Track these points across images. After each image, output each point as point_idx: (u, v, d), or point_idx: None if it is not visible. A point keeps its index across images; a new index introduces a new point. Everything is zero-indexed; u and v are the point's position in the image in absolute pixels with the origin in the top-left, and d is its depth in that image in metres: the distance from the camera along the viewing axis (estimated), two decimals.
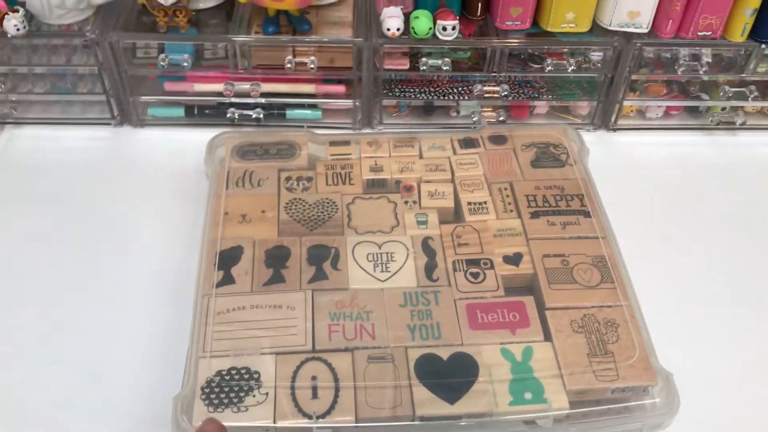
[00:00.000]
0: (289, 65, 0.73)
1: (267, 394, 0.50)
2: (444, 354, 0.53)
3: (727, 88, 0.77)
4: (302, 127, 0.75)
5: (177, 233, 0.67)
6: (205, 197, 0.64)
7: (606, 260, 0.59)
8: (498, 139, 0.70)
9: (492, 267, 0.59)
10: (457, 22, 0.71)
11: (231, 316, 0.54)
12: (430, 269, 0.59)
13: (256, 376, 0.51)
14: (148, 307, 0.61)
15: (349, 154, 0.68)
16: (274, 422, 0.49)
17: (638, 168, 0.77)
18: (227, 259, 0.58)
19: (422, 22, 0.70)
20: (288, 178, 0.65)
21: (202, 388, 0.50)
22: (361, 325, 0.54)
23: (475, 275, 0.58)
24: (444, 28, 0.71)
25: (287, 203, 0.63)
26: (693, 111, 0.81)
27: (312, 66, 0.72)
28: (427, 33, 0.71)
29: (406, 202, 0.64)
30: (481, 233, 0.61)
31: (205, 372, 0.51)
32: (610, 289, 0.57)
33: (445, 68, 0.73)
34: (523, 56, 0.76)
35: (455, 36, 0.72)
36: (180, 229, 0.67)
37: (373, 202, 0.64)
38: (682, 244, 0.69)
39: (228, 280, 0.57)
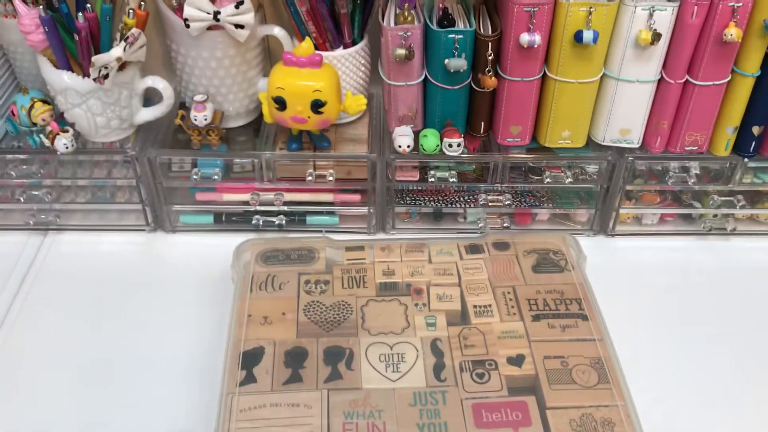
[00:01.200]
0: (310, 178, 0.80)
1: None
2: None
3: (716, 197, 0.83)
4: (321, 232, 0.80)
5: (205, 334, 0.72)
6: (231, 300, 0.70)
7: (603, 362, 0.63)
8: (501, 246, 0.75)
9: (496, 368, 0.63)
10: (462, 139, 0.78)
11: (252, 414, 0.59)
12: (438, 369, 0.63)
13: None
14: (176, 404, 0.65)
15: (364, 259, 0.73)
16: None
17: (636, 271, 0.81)
18: (250, 358, 0.63)
19: (430, 140, 0.78)
20: (307, 281, 0.71)
21: None
22: (373, 423, 0.58)
23: (481, 376, 0.62)
24: (450, 145, 0.78)
25: (306, 306, 0.68)
26: (687, 217, 0.86)
27: (330, 178, 0.79)
28: (435, 149, 0.78)
29: (416, 305, 0.69)
30: (486, 335, 0.66)
31: None
32: (606, 390, 0.61)
33: (451, 180, 0.80)
34: (523, 169, 0.82)
35: (461, 151, 0.79)
36: (207, 330, 0.72)
37: (386, 304, 0.69)
38: (677, 346, 0.73)
39: (250, 379, 0.61)
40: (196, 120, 0.77)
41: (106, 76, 0.72)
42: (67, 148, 0.77)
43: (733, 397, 0.67)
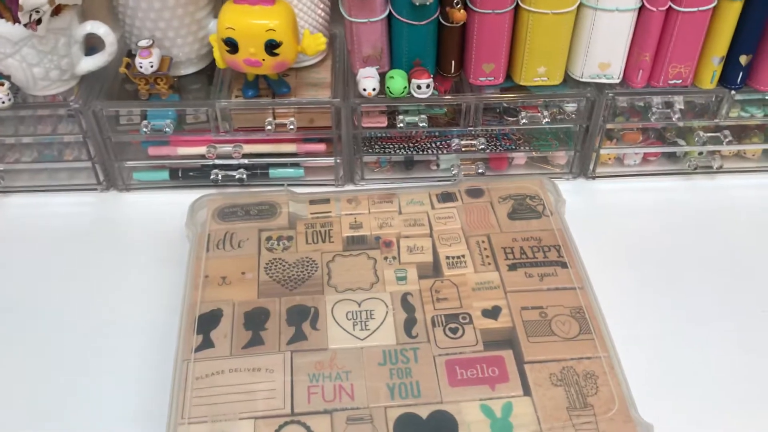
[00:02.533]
0: (269, 127, 0.74)
1: None
2: (423, 413, 0.53)
3: (701, 133, 0.78)
4: (283, 185, 0.76)
5: (160, 296, 0.67)
6: (187, 259, 0.65)
7: (584, 311, 0.60)
8: (475, 193, 0.71)
9: (471, 321, 0.59)
10: (431, 80, 0.73)
11: (209, 381, 0.54)
12: (409, 326, 0.59)
13: None
14: (131, 371, 0.61)
15: (329, 212, 0.69)
16: None
17: (618, 214, 0.77)
18: (206, 322, 0.59)
19: (397, 81, 0.72)
20: (269, 238, 0.66)
21: None
22: (340, 385, 0.54)
23: (454, 330, 0.58)
24: (419, 87, 0.73)
25: (267, 264, 0.64)
26: (671, 156, 0.82)
27: (292, 127, 0.74)
28: (403, 92, 0.73)
29: (385, 258, 0.64)
30: (460, 287, 0.62)
31: None
32: (588, 341, 0.58)
33: (422, 124, 0.75)
34: (498, 110, 0.77)
35: (430, 93, 0.73)
36: (163, 292, 0.67)
37: (353, 259, 0.64)
38: (661, 289, 0.69)
39: (207, 344, 0.57)
40: (141, 67, 0.71)
41: (38, 21, 0.66)
42: (3, 103, 0.71)
43: (721, 341, 0.64)
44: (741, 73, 0.74)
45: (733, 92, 0.75)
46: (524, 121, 0.76)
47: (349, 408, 0.53)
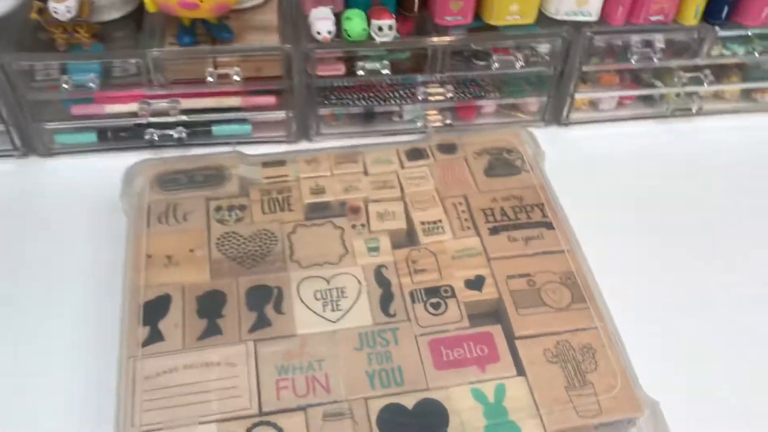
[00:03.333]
0: (210, 78, 0.65)
1: None
2: (409, 402, 0.47)
3: (681, 73, 0.74)
4: (229, 144, 0.67)
5: (96, 279, 0.59)
6: (125, 235, 0.56)
7: (575, 276, 0.54)
8: (447, 148, 0.64)
9: (453, 295, 0.53)
10: (393, 20, 0.65)
11: (161, 381, 0.47)
12: (386, 302, 0.52)
13: None
14: (68, 372, 0.53)
15: (286, 175, 0.61)
16: None
17: (594, 163, 0.72)
18: (153, 311, 0.51)
19: (355, 22, 0.64)
20: (218, 208, 0.58)
21: None
22: (313, 377, 0.48)
23: (436, 306, 0.52)
24: (380, 28, 0.65)
25: (219, 239, 0.56)
26: (647, 100, 0.78)
27: (236, 78, 0.65)
28: (362, 34, 0.65)
29: (353, 226, 0.57)
30: (438, 256, 0.56)
31: None
32: (582, 310, 0.52)
33: (384, 71, 0.67)
34: (466, 53, 0.70)
35: (392, 36, 0.65)
36: (99, 274, 0.59)
37: (317, 229, 0.57)
38: (647, 240, 0.65)
39: (156, 336, 0.50)
40: (56, 13, 0.61)
41: None
42: None
43: (720, 296, 0.61)
44: (726, 7, 0.69)
45: (717, 28, 0.70)
46: (496, 65, 0.69)
47: (325, 402, 0.47)
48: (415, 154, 0.63)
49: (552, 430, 0.46)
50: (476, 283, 0.54)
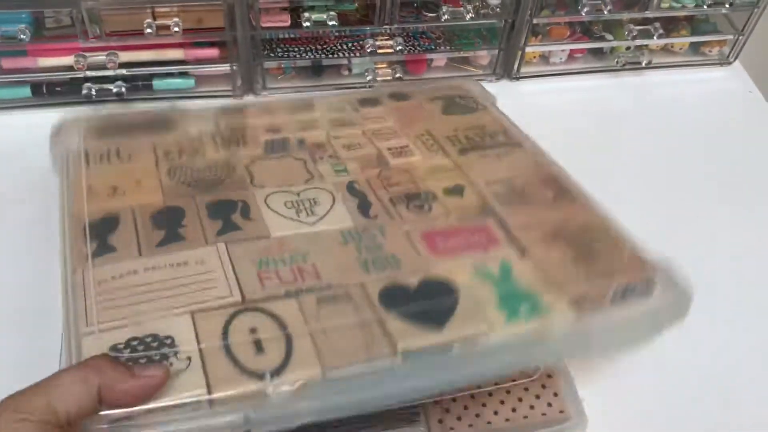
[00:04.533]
0: (149, 30, 0.62)
1: (190, 359, 0.35)
2: (411, 282, 0.42)
3: (631, 26, 0.75)
4: (170, 100, 0.63)
5: (29, 237, 0.51)
6: (59, 181, 0.49)
7: (556, 177, 0.52)
8: (400, 96, 0.63)
9: (436, 198, 0.49)
10: None
11: (119, 283, 0.39)
12: (364, 208, 0.48)
13: (168, 341, 0.36)
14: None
15: (245, 118, 0.57)
16: (210, 392, 0.34)
17: (545, 116, 0.71)
18: (100, 228, 0.44)
19: None
20: (167, 152, 0.52)
21: None
22: (298, 267, 0.42)
23: (420, 207, 0.48)
24: None
25: (169, 170, 0.50)
26: (597, 53, 0.79)
27: (177, 29, 0.62)
28: None
29: (321, 158, 0.53)
30: (412, 172, 0.52)
31: (94, 350, 0.35)
32: (572, 202, 0.50)
33: (331, 23, 0.66)
34: (416, 5, 0.70)
35: None
36: (33, 233, 0.51)
37: (278, 161, 0.52)
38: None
39: (106, 249, 0.42)
40: None
41: None
42: None
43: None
44: None
45: None
46: (446, 16, 0.69)
47: (317, 288, 0.40)
48: (369, 102, 0.61)
49: (569, 298, 0.42)
50: (456, 191, 0.51)
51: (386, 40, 0.70)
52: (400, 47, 0.70)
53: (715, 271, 0.56)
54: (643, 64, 0.78)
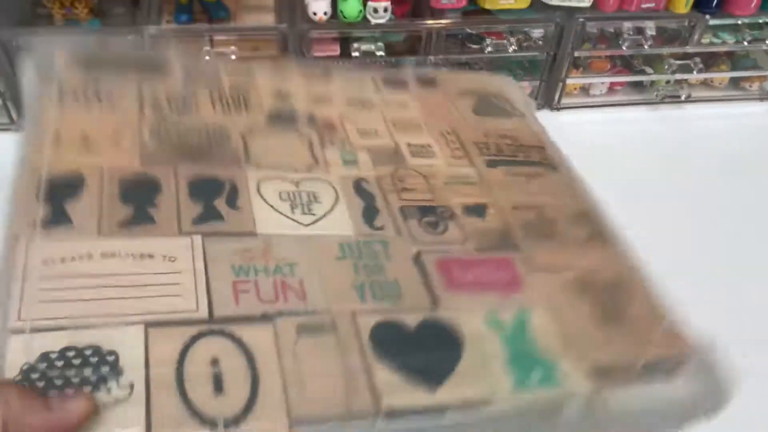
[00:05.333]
0: (207, 57, 0.62)
1: (132, 386, 0.29)
2: (411, 321, 0.35)
3: (671, 61, 0.74)
4: None
5: None
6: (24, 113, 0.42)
7: (588, 213, 0.46)
8: (427, 82, 0.55)
9: (453, 217, 0.43)
10: (389, 3, 0.63)
11: (68, 268, 0.33)
12: (369, 215, 0.41)
13: (111, 359, 0.30)
14: None
15: (246, 78, 0.49)
16: None
17: (585, 147, 0.65)
18: (58, 190, 0.37)
19: (351, 4, 0.62)
20: (156, 98, 0.45)
21: (17, 382, 0.28)
22: (282, 281, 0.35)
23: (433, 225, 0.42)
24: (375, 10, 0.63)
25: (154, 124, 0.43)
26: (637, 86, 0.78)
27: (233, 57, 0.63)
28: (357, 16, 0.63)
29: (332, 143, 0.46)
30: (429, 179, 0.45)
31: (21, 355, 0.29)
32: (604, 246, 0.44)
33: (378, 53, 0.66)
34: (460, 37, 0.70)
35: (388, 18, 0.64)
36: None
37: (280, 134, 0.45)
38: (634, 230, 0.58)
39: (60, 218, 0.35)
40: None
41: None
42: None
43: (704, 276, 0.55)
44: None
45: (707, 17, 0.70)
46: (489, 49, 0.68)
47: (300, 312, 0.34)
48: (393, 83, 0.54)
49: (588, 366, 0.36)
50: (477, 210, 0.44)
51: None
52: None
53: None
54: (683, 98, 0.77)
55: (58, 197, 0.36)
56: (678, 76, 0.75)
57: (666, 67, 0.74)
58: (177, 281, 0.34)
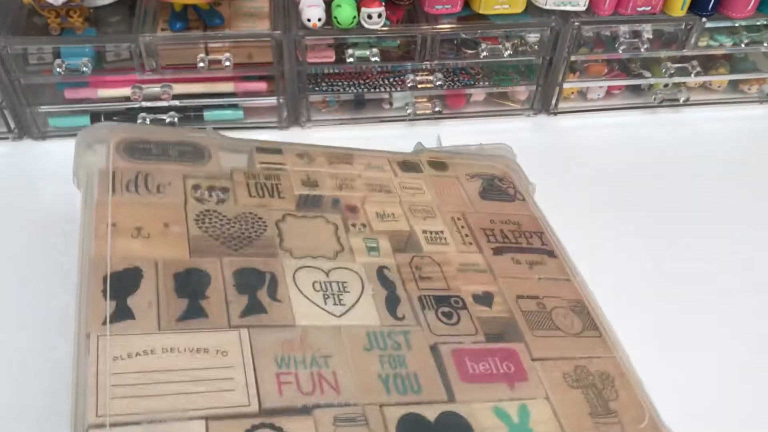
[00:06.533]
0: (202, 64, 0.64)
1: None
2: (430, 414, 0.40)
3: (669, 64, 0.75)
4: (223, 129, 0.61)
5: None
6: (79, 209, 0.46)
7: (584, 304, 0.51)
8: (439, 166, 0.60)
9: (465, 307, 0.48)
10: (383, 8, 0.65)
11: (135, 364, 0.37)
12: (392, 304, 0.46)
13: None
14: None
15: (283, 164, 0.54)
16: None
17: (582, 152, 0.73)
18: (120, 284, 0.41)
19: (345, 10, 0.63)
20: (196, 187, 0.50)
21: None
22: (319, 374, 0.40)
23: (448, 315, 0.47)
24: (369, 16, 0.64)
25: (199, 215, 0.47)
26: (635, 89, 0.79)
27: (228, 63, 0.64)
28: (352, 22, 0.64)
29: (354, 225, 0.51)
30: (443, 267, 0.50)
31: None
32: (595, 338, 0.49)
33: (373, 59, 0.67)
34: (455, 42, 0.71)
35: (382, 24, 0.65)
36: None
37: (309, 221, 0.50)
38: (635, 236, 0.64)
39: (124, 313, 0.40)
40: None
41: None
42: None
43: (714, 300, 0.59)
44: (712, 0, 0.71)
45: (704, 20, 0.71)
46: (484, 53, 0.69)
47: (335, 404, 0.39)
48: (408, 166, 0.59)
49: None
50: (485, 300, 0.49)
51: (426, 75, 0.71)
52: (439, 82, 0.71)
53: None
54: (681, 101, 0.78)
55: (121, 292, 0.41)
56: (676, 79, 0.76)
57: (663, 70, 0.75)
58: (230, 375, 0.38)
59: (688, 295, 0.60)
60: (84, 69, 0.64)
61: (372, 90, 0.70)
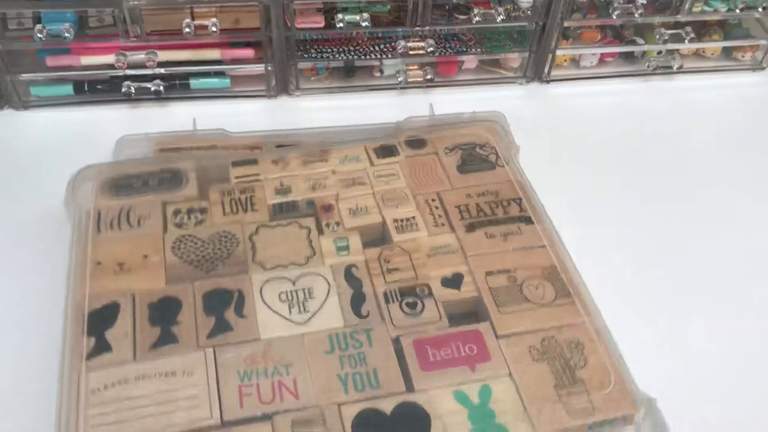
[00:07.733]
0: (187, 29, 0.64)
1: None
2: (387, 407, 0.43)
3: (663, 30, 0.73)
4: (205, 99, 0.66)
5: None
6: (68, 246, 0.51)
7: (557, 270, 0.51)
8: (417, 144, 0.61)
9: (430, 294, 0.49)
10: None
11: (110, 394, 0.42)
12: (357, 303, 0.48)
13: None
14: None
15: (258, 174, 0.57)
16: None
17: (575, 120, 0.72)
18: (99, 320, 0.46)
19: None
20: (176, 212, 0.54)
21: None
22: (279, 382, 0.43)
23: (412, 305, 0.49)
24: None
25: (175, 242, 0.51)
26: (628, 57, 0.78)
27: (214, 29, 0.64)
28: None
29: (327, 225, 0.53)
30: (413, 254, 0.52)
31: None
32: (567, 305, 0.49)
33: (363, 24, 0.66)
34: (447, 7, 0.70)
35: None
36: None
37: (282, 229, 0.53)
38: (627, 203, 0.63)
39: (102, 347, 0.45)
40: None
41: None
42: None
43: (702, 270, 0.58)
44: None
45: None
46: (477, 19, 0.69)
47: (293, 409, 0.42)
48: (385, 151, 0.60)
49: (542, 431, 0.42)
50: (454, 282, 0.51)
51: (418, 41, 0.70)
52: (431, 49, 0.70)
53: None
54: (675, 69, 0.76)
55: (99, 328, 0.45)
56: (669, 46, 0.74)
57: (657, 37, 0.73)
58: (195, 393, 0.42)
59: (676, 260, 0.59)
60: (66, 35, 0.62)
61: (362, 57, 0.70)
